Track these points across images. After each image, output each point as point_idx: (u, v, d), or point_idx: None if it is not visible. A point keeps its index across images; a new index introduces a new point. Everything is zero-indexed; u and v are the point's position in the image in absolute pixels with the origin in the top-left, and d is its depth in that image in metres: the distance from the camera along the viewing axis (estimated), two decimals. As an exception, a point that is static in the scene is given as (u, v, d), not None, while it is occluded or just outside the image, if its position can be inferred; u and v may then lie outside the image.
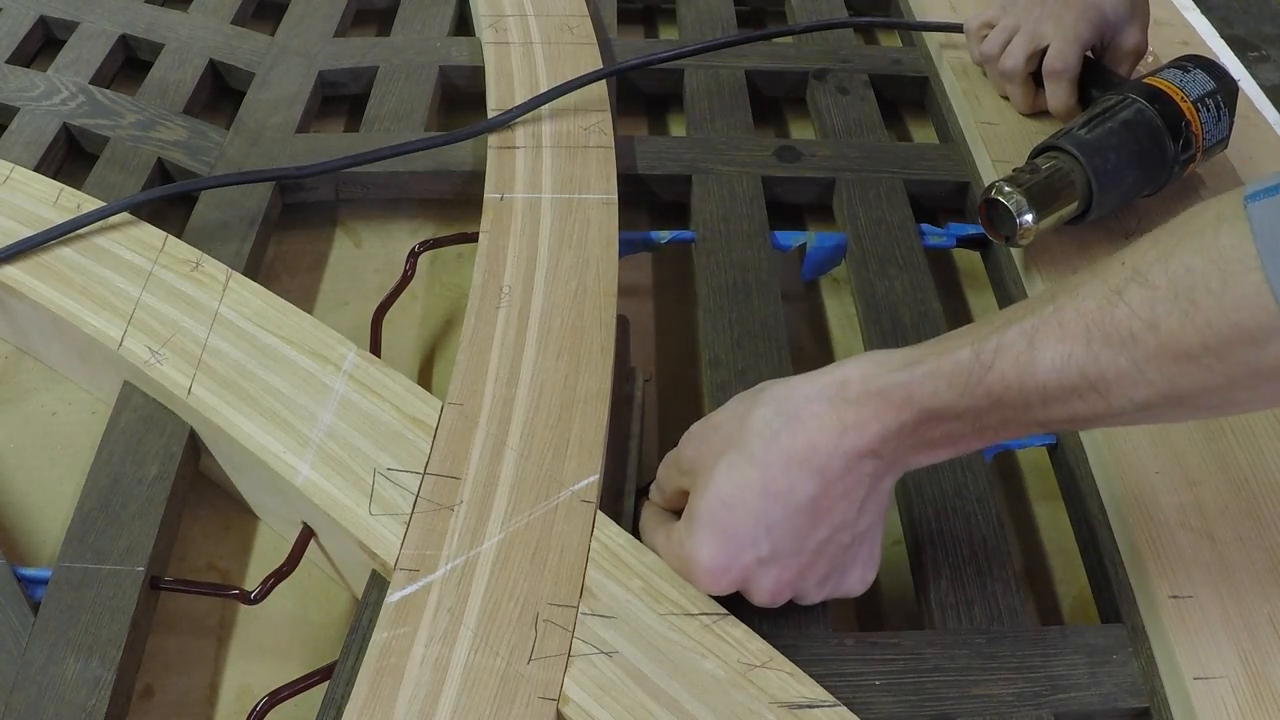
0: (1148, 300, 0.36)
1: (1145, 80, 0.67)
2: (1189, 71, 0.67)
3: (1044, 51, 0.74)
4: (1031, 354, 0.39)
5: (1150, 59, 0.82)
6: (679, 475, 0.49)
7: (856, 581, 0.48)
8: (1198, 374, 0.37)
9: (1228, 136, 0.69)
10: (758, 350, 0.61)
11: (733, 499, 0.44)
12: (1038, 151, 0.65)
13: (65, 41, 0.85)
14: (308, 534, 0.53)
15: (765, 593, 0.46)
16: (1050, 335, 0.39)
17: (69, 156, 0.77)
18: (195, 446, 0.57)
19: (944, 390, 0.41)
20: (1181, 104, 0.65)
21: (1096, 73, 0.75)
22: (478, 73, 0.81)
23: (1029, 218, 0.61)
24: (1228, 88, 0.68)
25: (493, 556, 0.48)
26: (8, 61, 0.83)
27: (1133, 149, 0.64)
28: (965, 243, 0.71)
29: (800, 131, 0.85)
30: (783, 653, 0.46)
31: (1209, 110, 0.66)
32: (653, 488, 0.52)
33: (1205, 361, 0.36)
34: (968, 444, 0.44)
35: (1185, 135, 0.65)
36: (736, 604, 0.49)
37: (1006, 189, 0.61)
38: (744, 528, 0.44)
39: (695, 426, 0.49)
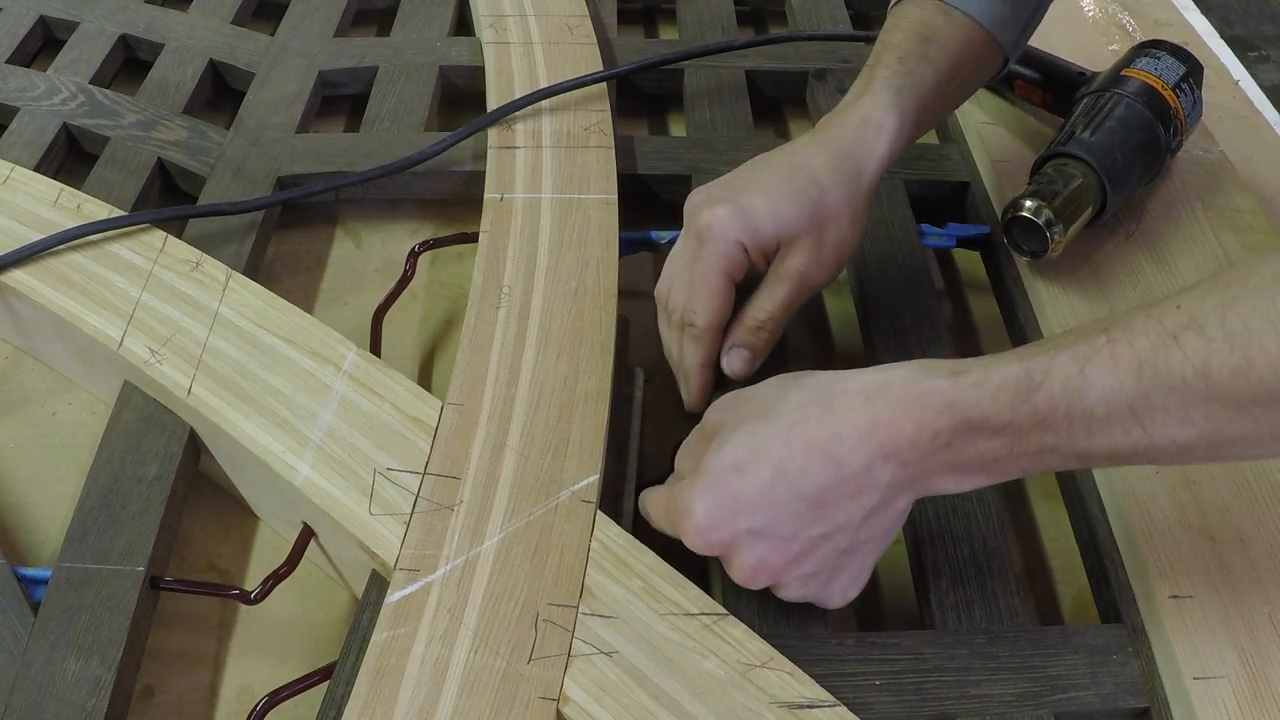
0: (1202, 350, 0.37)
1: (1123, 73, 0.67)
2: (1159, 58, 0.68)
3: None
4: (1082, 380, 0.39)
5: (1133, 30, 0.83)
6: (699, 441, 0.48)
7: (838, 593, 0.47)
8: (1243, 423, 0.38)
9: (1200, 115, 0.69)
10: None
11: (745, 465, 0.44)
12: (1042, 161, 0.65)
13: (65, 41, 0.85)
14: (308, 534, 0.53)
15: (746, 568, 0.45)
16: (1102, 365, 0.39)
17: (69, 156, 0.77)
18: (195, 446, 0.57)
19: (987, 402, 0.41)
20: (1164, 92, 0.66)
21: (1053, 71, 0.74)
22: (478, 73, 0.81)
23: (1059, 230, 0.61)
24: (1194, 67, 0.68)
25: (493, 556, 0.48)
26: (8, 61, 0.83)
27: (1134, 145, 0.64)
28: (965, 243, 0.71)
29: (800, 131, 0.85)
30: (783, 653, 0.46)
31: (1186, 94, 0.67)
32: (667, 481, 0.52)
33: (1253, 413, 0.37)
34: (999, 470, 0.43)
35: (1174, 123, 0.66)
36: (737, 603, 0.49)
37: (1031, 204, 0.61)
38: (747, 495, 0.44)
39: (726, 396, 0.49)
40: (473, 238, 0.65)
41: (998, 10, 0.58)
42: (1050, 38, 0.82)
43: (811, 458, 0.43)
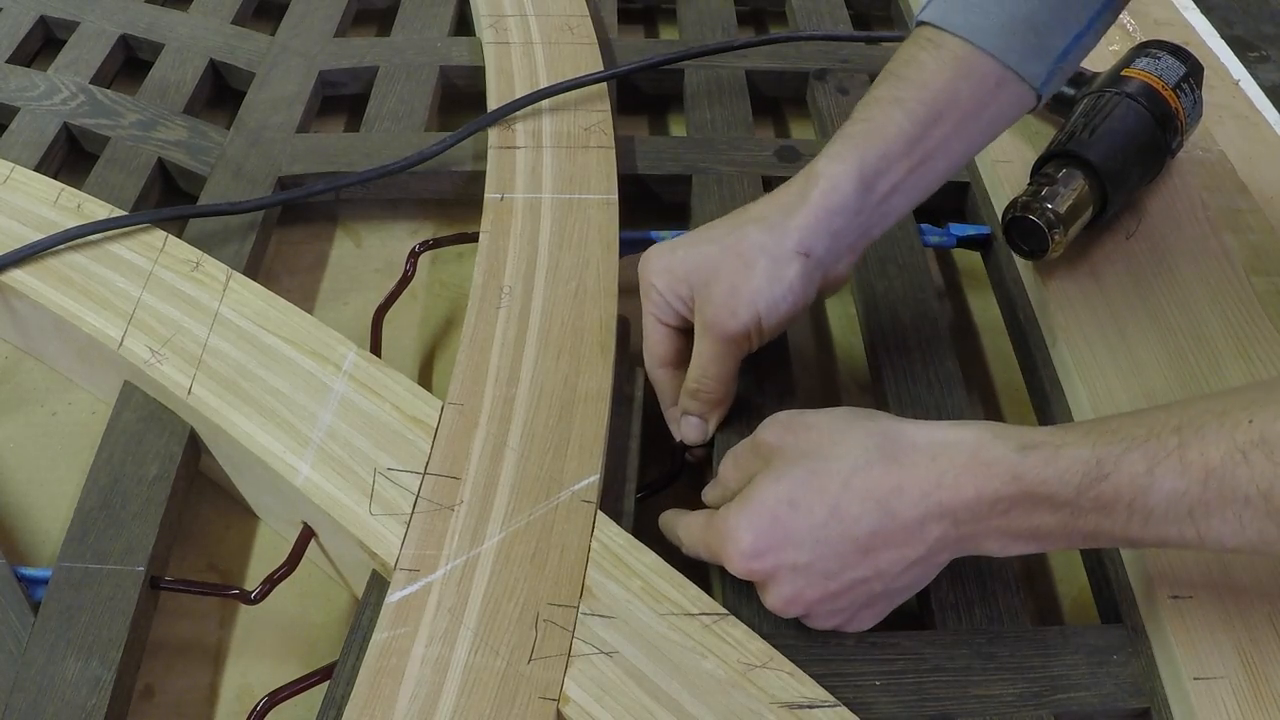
0: (1269, 474, 0.38)
1: (1123, 73, 0.67)
2: (1159, 58, 0.68)
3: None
4: (1150, 479, 0.40)
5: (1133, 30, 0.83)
6: (753, 458, 0.48)
7: (857, 625, 0.48)
8: None
9: (1201, 115, 0.69)
10: (757, 350, 0.61)
11: (800, 502, 0.44)
12: (1042, 161, 0.65)
13: (65, 41, 0.85)
14: (308, 534, 0.53)
15: (781, 599, 0.46)
16: (1171, 469, 0.40)
17: (69, 156, 0.77)
18: (195, 446, 0.57)
19: (1054, 480, 0.42)
20: (1164, 92, 0.66)
21: None
22: (478, 73, 0.81)
23: (1060, 231, 0.61)
24: (1194, 67, 0.68)
25: (493, 556, 0.48)
26: (8, 61, 0.83)
27: (1134, 145, 0.64)
28: (965, 243, 0.71)
29: (800, 131, 0.85)
30: (783, 653, 0.46)
31: (1186, 94, 0.67)
32: (707, 488, 0.52)
33: None
34: (1047, 542, 0.44)
35: (1174, 123, 0.66)
36: (737, 604, 0.49)
37: (1034, 205, 0.61)
38: (797, 531, 0.44)
39: (782, 415, 0.48)
40: (473, 238, 0.65)
41: (1014, 42, 0.52)
42: (1050, 38, 0.82)
43: (868, 505, 0.44)
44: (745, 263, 0.51)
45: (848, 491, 0.44)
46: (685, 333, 0.55)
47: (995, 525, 0.43)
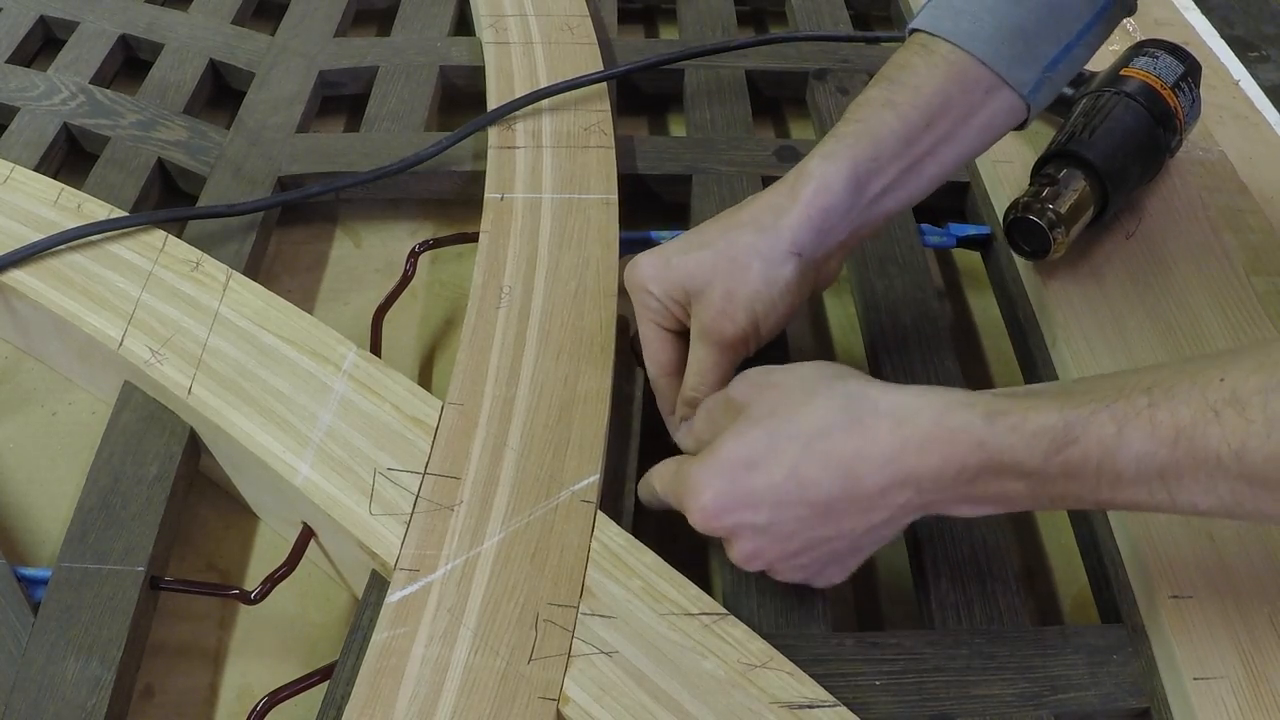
0: (1240, 431, 0.37)
1: (1122, 73, 0.67)
2: (1157, 57, 0.68)
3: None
4: (1119, 441, 0.40)
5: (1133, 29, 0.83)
6: (723, 413, 0.48)
7: (825, 579, 0.48)
8: (1266, 502, 0.38)
9: (1199, 114, 0.69)
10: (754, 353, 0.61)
11: (759, 463, 0.44)
12: (1043, 161, 0.65)
13: (65, 41, 0.85)
14: (308, 534, 0.53)
15: (743, 554, 0.46)
16: (1141, 430, 0.39)
17: (69, 156, 0.77)
18: (195, 446, 0.57)
19: (1021, 448, 0.41)
20: (1163, 92, 0.66)
21: None
22: (478, 73, 0.81)
23: (1061, 232, 0.61)
24: (1193, 66, 0.68)
25: (493, 556, 0.48)
26: (8, 61, 0.83)
27: (1133, 145, 0.64)
28: (965, 243, 0.71)
29: (800, 131, 0.85)
30: (783, 653, 0.46)
31: (1185, 93, 0.67)
32: (681, 431, 0.52)
33: (1278, 495, 0.38)
34: (1016, 506, 0.43)
35: (1173, 122, 0.66)
36: (737, 603, 0.49)
37: (1036, 206, 0.61)
38: (755, 492, 0.44)
39: (752, 372, 0.48)
40: (473, 238, 0.65)
41: (1004, 49, 0.53)
42: (1050, 38, 0.81)
43: (829, 470, 0.43)
44: (740, 267, 0.51)
45: (808, 454, 0.43)
46: (686, 337, 0.55)
47: (961, 493, 0.43)
